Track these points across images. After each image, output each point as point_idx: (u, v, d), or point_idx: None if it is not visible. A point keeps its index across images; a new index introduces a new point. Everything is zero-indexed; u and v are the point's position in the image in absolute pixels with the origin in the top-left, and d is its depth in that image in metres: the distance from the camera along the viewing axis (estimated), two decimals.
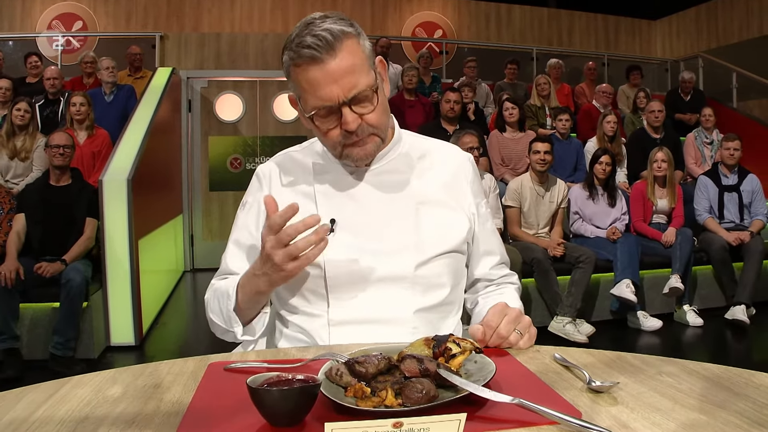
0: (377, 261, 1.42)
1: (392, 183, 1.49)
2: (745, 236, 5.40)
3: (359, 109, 1.34)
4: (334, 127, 1.36)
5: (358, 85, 1.32)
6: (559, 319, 4.91)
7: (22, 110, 5.37)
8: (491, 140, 6.49)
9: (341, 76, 1.30)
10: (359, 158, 1.41)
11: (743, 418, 0.91)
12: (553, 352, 1.25)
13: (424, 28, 10.46)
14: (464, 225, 1.52)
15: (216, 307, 1.47)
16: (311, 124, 1.39)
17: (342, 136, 1.37)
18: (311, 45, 1.29)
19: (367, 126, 1.37)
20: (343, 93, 1.31)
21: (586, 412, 0.94)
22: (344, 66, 1.30)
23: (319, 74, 1.30)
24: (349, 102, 1.32)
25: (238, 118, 8.52)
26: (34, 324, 4.38)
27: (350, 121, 1.33)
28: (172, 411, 0.99)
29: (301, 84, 1.34)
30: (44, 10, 9.13)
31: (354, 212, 1.46)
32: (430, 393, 0.94)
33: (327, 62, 1.29)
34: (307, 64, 1.31)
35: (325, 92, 1.31)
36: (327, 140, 1.41)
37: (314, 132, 1.44)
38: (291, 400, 0.91)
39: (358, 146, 1.39)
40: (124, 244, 4.70)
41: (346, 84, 1.31)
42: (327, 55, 1.29)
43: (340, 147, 1.40)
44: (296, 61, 1.32)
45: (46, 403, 1.03)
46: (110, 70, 6.55)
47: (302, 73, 1.32)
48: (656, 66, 10.99)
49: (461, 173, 1.58)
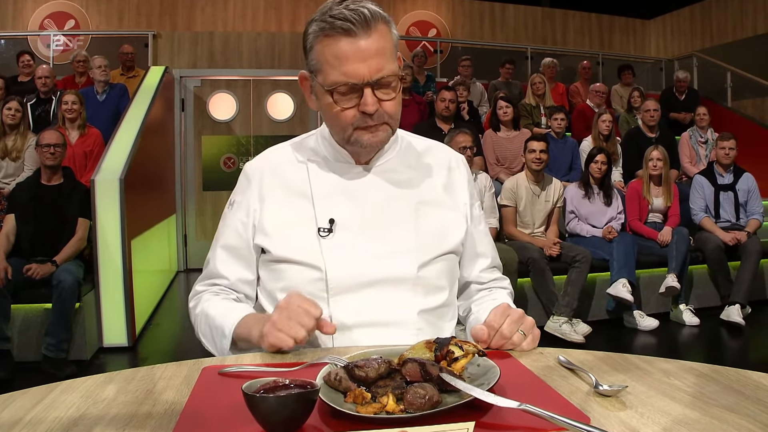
0: (378, 262, 1.39)
1: (391, 182, 1.46)
2: (742, 236, 5.40)
3: (381, 94, 1.31)
4: (351, 107, 1.32)
5: (385, 69, 1.30)
6: (555, 318, 4.89)
7: (13, 109, 5.32)
8: (486, 139, 6.47)
9: (371, 56, 1.28)
10: (369, 145, 1.37)
11: (756, 422, 0.89)
12: (558, 354, 1.22)
13: (419, 27, 10.44)
14: (462, 226, 1.50)
15: (207, 333, 1.43)
16: (327, 100, 1.33)
17: (357, 118, 1.33)
18: (348, 18, 1.26)
19: (383, 113, 1.33)
20: (369, 73, 1.28)
21: (595, 417, 0.92)
22: (375, 47, 1.28)
23: (350, 49, 1.27)
24: (373, 84, 1.29)
25: (231, 118, 8.48)
26: (25, 325, 4.34)
27: (370, 103, 1.30)
28: (164, 417, 0.95)
29: (325, 56, 1.30)
30: (36, 8, 9.08)
31: (353, 212, 1.42)
32: (434, 398, 0.91)
33: (360, 38, 1.27)
34: (339, 36, 1.27)
35: (351, 68, 1.28)
36: (340, 120, 1.35)
37: (326, 111, 1.37)
38: (288, 407, 0.87)
39: (370, 132, 1.35)
40: (116, 244, 4.66)
41: (374, 65, 1.28)
42: (362, 31, 1.27)
43: (351, 129, 1.35)
44: (327, 32, 1.28)
45: (34, 408, 1.00)
46: (102, 69, 6.50)
47: (331, 45, 1.28)
48: (651, 65, 11.01)
49: (457, 174, 1.56)
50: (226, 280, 1.49)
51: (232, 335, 1.36)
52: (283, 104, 8.62)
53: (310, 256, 1.38)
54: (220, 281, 1.50)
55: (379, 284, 1.38)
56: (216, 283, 1.51)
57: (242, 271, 1.49)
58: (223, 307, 1.44)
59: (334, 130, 1.41)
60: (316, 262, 1.38)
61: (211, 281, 1.51)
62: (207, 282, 1.52)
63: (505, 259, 4.70)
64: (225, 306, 1.44)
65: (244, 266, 1.49)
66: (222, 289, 1.50)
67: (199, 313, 1.47)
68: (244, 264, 1.49)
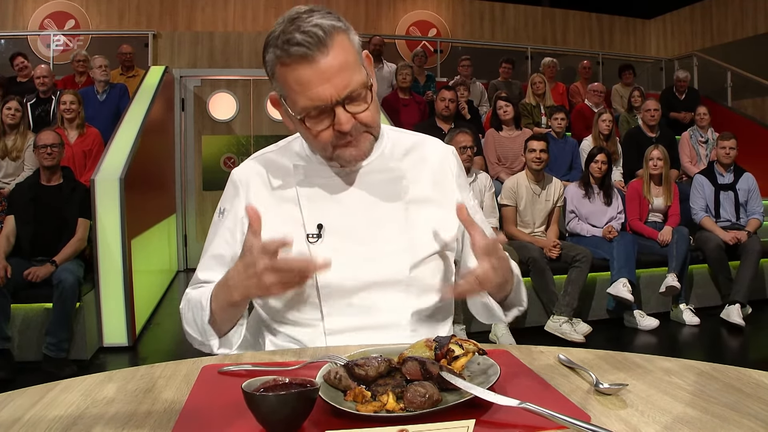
0: (370, 265, 1.36)
1: (379, 183, 1.42)
2: (742, 236, 5.39)
3: (353, 108, 1.27)
4: (326, 128, 1.28)
5: (352, 83, 1.24)
6: (555, 318, 4.89)
7: (13, 109, 5.32)
8: (487, 139, 6.47)
9: (334, 75, 1.22)
10: (352, 158, 1.33)
11: (757, 420, 0.89)
12: (557, 353, 1.22)
13: (419, 27, 10.45)
14: (454, 222, 1.45)
15: (191, 318, 1.40)
16: (301, 127, 1.31)
17: (334, 137, 1.29)
18: (301, 42, 1.20)
19: (360, 125, 1.29)
20: (336, 92, 1.23)
21: (595, 416, 0.91)
22: (336, 64, 1.22)
23: (311, 73, 1.22)
24: (342, 101, 1.24)
25: (231, 117, 8.48)
26: (26, 325, 4.33)
27: (344, 121, 1.25)
28: (164, 416, 0.95)
29: (288, 84, 1.25)
30: (36, 8, 9.08)
31: (341, 216, 1.39)
32: (434, 397, 0.91)
33: (318, 60, 1.21)
34: (296, 63, 1.22)
35: (317, 92, 1.23)
36: (317, 142, 1.32)
37: (302, 134, 1.36)
38: (288, 406, 0.87)
39: (352, 146, 1.31)
40: (116, 244, 4.65)
41: (339, 83, 1.23)
42: (318, 53, 1.21)
43: (331, 148, 1.31)
44: (284, 60, 1.23)
45: (34, 407, 1.00)
46: (103, 68, 6.49)
47: (291, 73, 1.23)
48: (651, 65, 11.00)
49: (446, 167, 1.52)
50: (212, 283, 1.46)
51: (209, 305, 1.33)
52: None
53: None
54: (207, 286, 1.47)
55: (371, 287, 1.36)
56: (203, 286, 1.48)
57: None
58: (202, 289, 1.41)
59: (315, 149, 1.39)
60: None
61: (199, 285, 1.49)
62: (195, 287, 1.49)
63: None
64: (204, 288, 1.41)
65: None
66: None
67: (182, 306, 1.45)
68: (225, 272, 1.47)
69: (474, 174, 5.10)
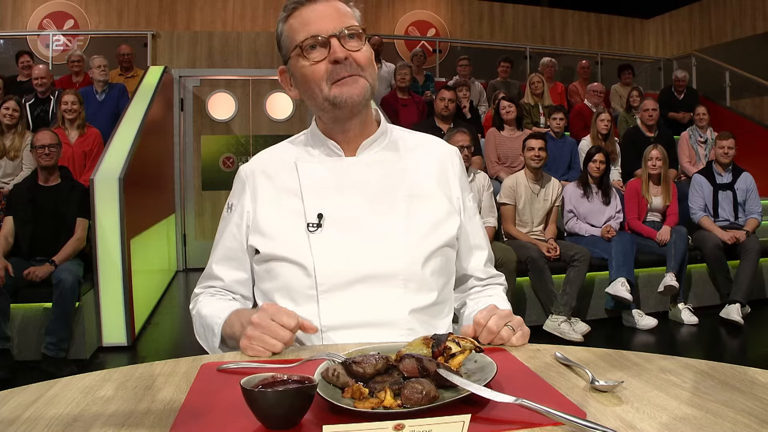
0: (368, 258, 1.37)
1: (381, 173, 1.44)
2: (741, 235, 5.40)
3: (348, 44, 1.36)
4: (322, 59, 1.36)
5: (347, 22, 1.37)
6: (554, 317, 4.90)
7: (11, 109, 5.34)
8: (488, 138, 6.48)
9: (330, 14, 1.36)
10: (350, 98, 1.36)
11: (750, 416, 0.89)
12: (554, 350, 1.22)
13: (417, 27, 10.45)
14: (455, 219, 1.48)
15: (201, 332, 1.47)
16: (300, 65, 1.39)
17: (330, 71, 1.36)
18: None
19: (354, 63, 1.36)
20: (333, 26, 1.35)
21: (591, 412, 0.92)
22: (334, 8, 1.38)
23: (311, 13, 1.36)
24: (338, 34, 1.35)
25: (230, 117, 8.48)
26: (25, 324, 4.34)
27: (338, 50, 1.34)
28: (163, 413, 0.96)
29: (293, 27, 1.38)
30: (35, 8, 9.08)
31: (342, 206, 1.41)
32: (431, 393, 0.91)
33: (318, 3, 1.37)
34: (300, 8, 1.37)
35: (315, 25, 1.35)
36: (315, 78, 1.37)
37: (302, 79, 1.40)
38: (287, 402, 0.88)
39: (348, 85, 1.36)
40: (116, 243, 4.66)
41: (335, 19, 1.36)
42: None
43: (328, 87, 1.37)
44: (291, 10, 1.38)
45: (34, 404, 1.00)
46: (102, 68, 6.50)
47: (295, 17, 1.38)
48: (649, 65, 11.01)
49: (449, 166, 1.54)
50: (221, 281, 1.52)
51: (221, 333, 1.37)
52: (282, 104, 8.62)
53: (298, 253, 1.38)
54: (216, 283, 1.53)
55: (369, 281, 1.36)
56: (212, 285, 1.54)
57: (236, 272, 1.52)
58: (214, 306, 1.46)
59: (314, 94, 1.40)
60: (304, 258, 1.38)
61: (208, 284, 1.55)
62: (204, 285, 1.56)
63: (504, 258, 4.72)
64: (216, 305, 1.46)
65: (238, 267, 1.52)
66: (217, 290, 1.53)
67: (195, 314, 1.51)
68: (237, 265, 1.51)
69: (472, 173, 5.11)
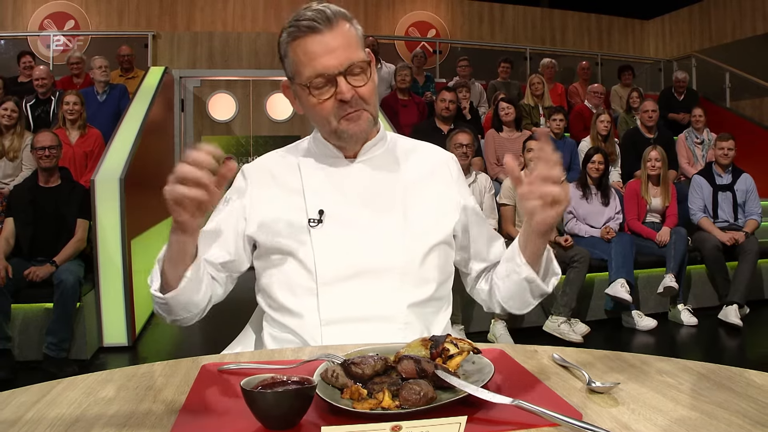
0: (366, 253, 1.42)
1: (381, 176, 1.49)
2: (739, 236, 5.41)
3: (353, 80, 1.38)
4: (329, 98, 1.39)
5: (353, 58, 1.38)
6: (553, 318, 4.91)
7: (9, 110, 5.34)
8: (487, 139, 6.48)
9: (336, 48, 1.36)
10: (354, 133, 1.42)
11: (745, 418, 0.90)
12: (552, 352, 1.23)
13: (418, 28, 10.47)
14: (452, 216, 1.52)
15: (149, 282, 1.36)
16: (306, 97, 1.41)
17: (336, 107, 1.39)
18: (310, 17, 1.36)
19: (359, 99, 1.40)
20: (339, 63, 1.36)
21: (587, 414, 0.93)
22: (340, 40, 1.37)
23: (317, 45, 1.36)
24: (344, 72, 1.37)
25: (231, 118, 8.51)
26: (26, 325, 4.35)
27: (345, 90, 1.37)
28: (164, 413, 0.97)
29: (298, 56, 1.38)
30: (36, 9, 9.09)
31: (342, 203, 1.46)
32: (428, 395, 0.93)
33: (324, 34, 1.36)
34: (305, 36, 1.37)
35: (322, 61, 1.36)
36: (321, 113, 1.41)
37: (308, 109, 1.44)
38: (286, 403, 0.89)
39: (352, 121, 1.41)
40: (116, 244, 4.67)
41: (342, 55, 1.36)
42: (325, 28, 1.36)
43: (335, 121, 1.41)
44: (295, 35, 1.38)
45: (36, 405, 1.01)
46: (103, 69, 6.50)
47: (300, 46, 1.38)
48: (649, 66, 11.02)
49: (446, 170, 1.59)
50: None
51: (162, 261, 1.32)
52: (283, 105, 8.64)
53: (299, 246, 1.43)
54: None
55: (367, 275, 1.41)
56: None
57: (213, 249, 1.46)
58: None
59: (320, 125, 1.47)
60: (305, 252, 1.42)
61: None
62: None
63: None
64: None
65: (218, 246, 1.46)
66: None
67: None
68: (217, 244, 1.46)
69: (474, 175, 5.11)
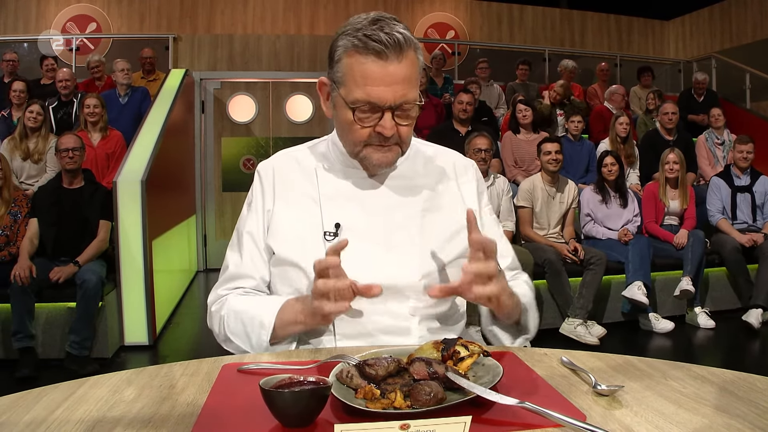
0: (382, 269, 1.39)
1: (398, 189, 1.48)
2: (758, 238, 5.37)
3: (399, 119, 1.35)
4: (369, 126, 1.35)
5: (408, 96, 1.33)
6: (570, 320, 4.91)
7: (35, 112, 5.42)
8: (504, 141, 6.49)
9: (397, 82, 1.31)
10: (378, 163, 1.40)
11: (745, 422, 0.93)
12: (561, 355, 1.26)
13: (436, 29, 10.46)
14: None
15: (239, 329, 1.43)
16: (346, 114, 1.36)
17: (371, 137, 1.36)
18: (383, 41, 1.29)
19: (397, 137, 1.37)
20: (393, 98, 1.32)
21: (591, 415, 0.96)
22: (403, 74, 1.31)
23: (379, 72, 1.30)
24: (394, 108, 1.33)
25: (250, 119, 8.56)
26: (49, 323, 4.43)
27: (388, 126, 1.34)
28: (186, 412, 1.01)
29: (353, 73, 1.32)
30: (59, 11, 9.21)
31: (359, 217, 1.44)
32: (438, 395, 0.96)
33: (390, 63, 1.30)
34: (369, 58, 1.30)
35: (377, 90, 1.31)
36: (354, 135, 1.38)
37: (341, 123, 1.40)
38: (302, 402, 0.94)
39: (381, 152, 1.38)
40: (138, 244, 4.74)
41: (399, 91, 1.32)
42: (393, 56, 1.30)
43: (362, 146, 1.38)
44: (359, 50, 1.31)
45: (64, 403, 1.06)
46: (125, 72, 6.58)
47: (361, 64, 1.31)
48: (669, 66, 10.94)
49: (465, 180, 1.57)
50: (252, 280, 1.50)
51: (273, 323, 1.37)
52: (302, 106, 8.68)
53: (314, 260, 1.33)
54: (246, 282, 1.50)
55: (383, 292, 1.34)
56: (240, 285, 1.50)
57: (263, 271, 1.50)
58: (256, 300, 1.45)
59: (345, 141, 1.44)
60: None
61: (234, 284, 1.51)
62: (229, 285, 1.51)
63: (521, 261, 4.67)
64: (257, 300, 1.45)
65: (263, 267, 1.50)
66: (246, 291, 1.50)
67: (226, 314, 1.46)
68: (263, 265, 1.50)
69: (492, 177, 5.13)
